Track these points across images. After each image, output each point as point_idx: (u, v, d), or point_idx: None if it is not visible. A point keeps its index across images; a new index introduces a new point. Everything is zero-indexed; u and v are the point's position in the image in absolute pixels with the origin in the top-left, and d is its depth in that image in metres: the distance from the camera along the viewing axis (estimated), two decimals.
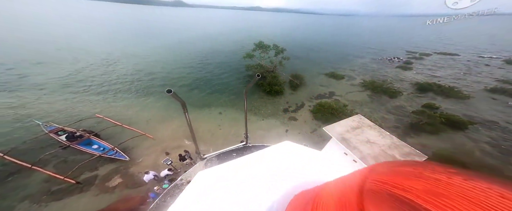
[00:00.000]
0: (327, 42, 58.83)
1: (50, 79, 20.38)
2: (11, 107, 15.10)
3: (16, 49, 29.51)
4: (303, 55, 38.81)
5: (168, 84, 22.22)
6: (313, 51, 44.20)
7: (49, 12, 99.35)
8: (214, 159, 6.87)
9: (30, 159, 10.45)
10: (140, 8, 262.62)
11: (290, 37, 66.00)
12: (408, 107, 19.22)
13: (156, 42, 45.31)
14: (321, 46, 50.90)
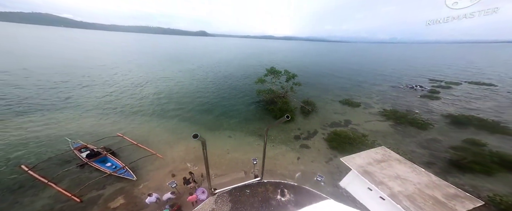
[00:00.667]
0: (339, 68, 58.60)
1: (88, 99, 22.81)
2: (46, 124, 16.70)
3: (64, 72, 34.40)
4: (315, 82, 38.59)
5: (183, 106, 23.01)
6: (325, 77, 43.94)
7: (95, 41, 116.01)
8: (225, 195, 6.08)
9: (50, 174, 10.85)
10: (171, 38, 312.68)
11: (301, 63, 67.54)
12: (443, 142, 16.52)
13: (180, 66, 49.98)
14: (333, 72, 50.73)
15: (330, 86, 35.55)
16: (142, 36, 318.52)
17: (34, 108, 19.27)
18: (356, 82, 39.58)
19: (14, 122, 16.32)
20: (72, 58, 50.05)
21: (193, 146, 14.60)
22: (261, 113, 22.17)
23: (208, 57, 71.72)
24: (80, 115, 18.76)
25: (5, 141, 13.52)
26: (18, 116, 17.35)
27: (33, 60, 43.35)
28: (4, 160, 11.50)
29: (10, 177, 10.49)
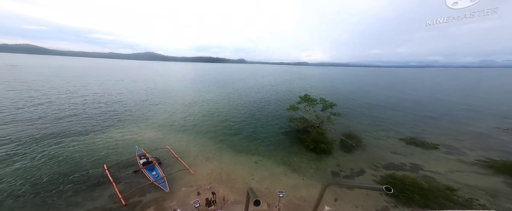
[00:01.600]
0: (393, 99, 49.09)
1: (154, 115, 28.24)
2: (126, 133, 21.52)
3: (146, 93, 44.22)
4: (359, 113, 33.60)
5: (218, 126, 24.57)
6: (372, 108, 37.70)
7: (171, 70, 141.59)
8: None
9: (116, 175, 13.60)
10: (218, 65, 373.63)
11: (341, 91, 61.33)
12: None
13: (220, 90, 55.52)
14: (384, 103, 42.82)
15: (381, 120, 29.92)
16: (199, 65, 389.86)
17: (121, 120, 25.62)
18: (421, 117, 31.52)
19: (107, 130, 22.31)
20: (156, 83, 66.70)
21: (220, 167, 14.88)
22: (292, 141, 20.72)
23: (243, 82, 77.17)
24: (146, 127, 23.47)
25: (97, 145, 18.07)
26: (109, 126, 23.45)
27: (133, 84, 60.91)
28: (94, 160, 15.28)
29: (94, 173, 13.88)
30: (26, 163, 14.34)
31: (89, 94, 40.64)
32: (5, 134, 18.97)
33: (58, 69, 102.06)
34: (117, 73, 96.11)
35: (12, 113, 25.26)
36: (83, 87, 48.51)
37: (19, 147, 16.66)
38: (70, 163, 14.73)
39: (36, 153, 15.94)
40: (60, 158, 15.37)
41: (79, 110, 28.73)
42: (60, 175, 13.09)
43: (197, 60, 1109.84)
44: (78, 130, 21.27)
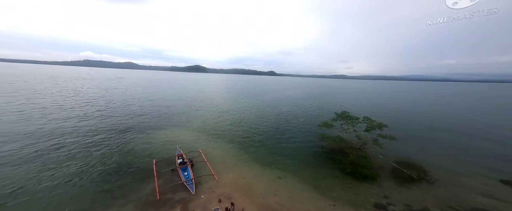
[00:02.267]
0: (477, 122, 36.25)
1: (193, 120, 31.89)
2: (171, 134, 24.93)
3: (192, 100, 51.16)
4: (424, 137, 26.97)
5: (245, 136, 24.83)
6: (448, 133, 29.52)
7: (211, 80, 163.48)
8: None
9: (159, 170, 15.76)
10: (249, 77, 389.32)
11: (394, 109, 50.89)
12: None
13: (250, 100, 56.65)
14: (464, 127, 32.49)
15: (464, 150, 22.86)
16: (232, 76, 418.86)
17: (170, 122, 30.13)
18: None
19: (160, 129, 26.65)
20: (197, 92, 76.54)
21: (243, 177, 14.83)
22: (323, 161, 18.54)
23: (272, 94, 76.06)
24: (186, 130, 26.64)
25: (152, 141, 21.58)
26: (163, 126, 27.96)
27: (182, 91, 72.08)
28: (145, 155, 18.19)
29: (146, 166, 16.66)
30: (103, 148, 18.92)
31: (155, 99, 50.80)
32: (103, 125, 26.09)
33: (140, 79, 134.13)
34: (173, 82, 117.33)
35: (112, 110, 34.71)
36: (152, 94, 61.41)
37: (109, 135, 22.39)
38: (133, 153, 18.18)
39: (116, 140, 20.91)
40: (129, 147, 19.46)
41: (146, 111, 36.23)
42: (126, 162, 16.39)
43: (231, 71, 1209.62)
44: (143, 126, 26.54)
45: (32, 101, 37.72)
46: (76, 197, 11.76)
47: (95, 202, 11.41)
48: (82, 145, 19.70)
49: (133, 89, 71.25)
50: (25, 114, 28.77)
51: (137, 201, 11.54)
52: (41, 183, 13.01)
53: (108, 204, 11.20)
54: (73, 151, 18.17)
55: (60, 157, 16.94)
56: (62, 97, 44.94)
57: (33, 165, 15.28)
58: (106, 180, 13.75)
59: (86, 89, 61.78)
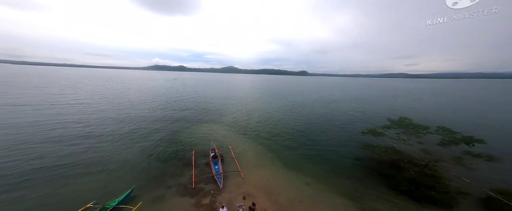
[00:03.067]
0: None
1: (226, 117, 34.48)
2: (206, 129, 27.66)
3: (224, 99, 55.48)
4: None
5: (273, 137, 24.25)
6: None
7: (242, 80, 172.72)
8: None
9: (197, 161, 17.63)
10: (276, 77, 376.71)
11: (483, 116, 38.51)
12: None
13: (280, 101, 54.54)
14: None
15: None
16: (262, 76, 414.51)
17: (209, 117, 33.20)
18: None
19: (197, 125, 29.90)
20: (229, 91, 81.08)
21: (268, 178, 14.74)
22: (364, 172, 16.07)
23: (304, 96, 70.02)
24: (219, 126, 28.68)
25: (191, 134, 24.21)
26: (203, 121, 31.25)
27: (215, 91, 78.27)
28: (187, 145, 20.61)
29: (187, 156, 19.21)
30: (159, 136, 22.88)
31: (196, 97, 57.49)
32: (164, 116, 31.91)
33: (187, 80, 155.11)
34: (211, 83, 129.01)
35: (168, 104, 42.04)
36: (194, 92, 70.01)
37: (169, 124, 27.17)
38: (178, 143, 20.99)
39: (168, 130, 24.96)
40: (176, 137, 22.77)
41: (190, 106, 41.64)
42: (173, 150, 19.09)
43: (261, 72, 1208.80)
44: (188, 120, 30.50)
45: (125, 96, 50.18)
46: (137, 176, 14.79)
47: (150, 182, 14.00)
48: (147, 132, 24.46)
49: (182, 88, 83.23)
50: (115, 104, 38.54)
51: (177, 186, 13.44)
52: (120, 157, 17.19)
53: (157, 185, 13.49)
54: (141, 136, 22.89)
55: (134, 139, 21.70)
56: (141, 93, 58.51)
57: (118, 143, 20.37)
58: (158, 165, 16.48)
59: (155, 87, 77.01)
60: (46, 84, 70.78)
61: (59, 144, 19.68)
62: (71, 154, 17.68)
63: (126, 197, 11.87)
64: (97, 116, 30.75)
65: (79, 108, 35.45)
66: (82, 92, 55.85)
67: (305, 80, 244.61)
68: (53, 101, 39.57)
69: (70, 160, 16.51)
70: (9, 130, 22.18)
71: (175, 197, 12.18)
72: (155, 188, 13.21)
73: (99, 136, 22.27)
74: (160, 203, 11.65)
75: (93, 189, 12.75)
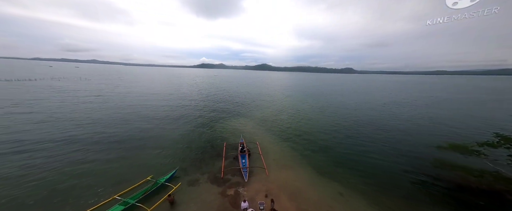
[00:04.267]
0: None
1: (255, 113, 34.78)
2: (237, 123, 28.76)
3: (261, 95, 56.61)
4: None
5: (305, 138, 22.61)
6: None
7: (276, 78, 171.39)
8: None
9: (227, 153, 18.88)
10: (312, 75, 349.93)
11: None
12: None
13: (314, 101, 49.40)
14: None
15: None
16: (297, 74, 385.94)
17: (239, 112, 34.77)
18: None
19: (229, 118, 31.35)
20: (260, 88, 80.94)
21: (294, 180, 13.98)
22: (432, 196, 12.62)
23: (347, 96, 60.55)
24: (248, 121, 29.33)
25: (224, 127, 25.83)
26: (235, 115, 32.95)
27: (247, 87, 79.89)
28: (219, 137, 22.30)
29: (219, 147, 20.56)
30: (199, 126, 25.72)
31: (231, 92, 60.95)
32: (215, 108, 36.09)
33: (226, 77, 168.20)
34: (245, 80, 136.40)
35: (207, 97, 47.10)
36: (230, 88, 74.66)
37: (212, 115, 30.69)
38: (213, 133, 23.08)
39: (207, 121, 27.87)
40: (212, 128, 25.11)
41: (226, 100, 44.86)
42: (208, 139, 21.09)
43: (296, 69, 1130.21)
44: (223, 113, 32.99)
45: (180, 89, 59.88)
46: (181, 159, 17.19)
47: (189, 166, 16.00)
48: (191, 120, 28.66)
49: (220, 84, 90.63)
50: (175, 95, 46.34)
51: (209, 173, 14.77)
52: (171, 139, 20.76)
53: (194, 170, 15.22)
54: (187, 123, 26.74)
55: (182, 125, 25.74)
56: (191, 88, 68.52)
57: (171, 127, 24.56)
58: (196, 151, 18.48)
59: (200, 83, 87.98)
60: (143, 80, 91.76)
61: (138, 121, 26.82)
62: (147, 129, 23.49)
63: (171, 176, 14.00)
64: (162, 104, 38.76)
65: (154, 97, 45.47)
66: (157, 86, 69.86)
67: (351, 79, 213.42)
68: (145, 93, 51.24)
69: (145, 135, 22.05)
70: (117, 110, 30.97)
71: (206, 183, 13.43)
72: (192, 172, 14.97)
73: (162, 119, 28.36)
74: (194, 186, 13.16)
75: (152, 165, 15.69)
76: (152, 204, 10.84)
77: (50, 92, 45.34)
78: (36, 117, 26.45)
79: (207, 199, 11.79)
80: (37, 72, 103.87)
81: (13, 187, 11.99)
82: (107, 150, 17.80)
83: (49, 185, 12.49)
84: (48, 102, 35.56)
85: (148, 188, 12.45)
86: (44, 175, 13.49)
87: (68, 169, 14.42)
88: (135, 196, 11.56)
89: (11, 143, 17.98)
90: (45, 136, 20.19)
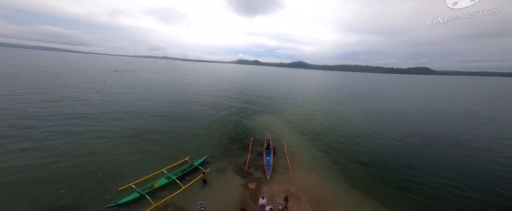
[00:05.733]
0: None
1: (286, 111, 33.71)
2: (267, 119, 28.91)
3: (286, 93, 54.68)
4: None
5: (340, 144, 20.09)
6: None
7: (316, 77, 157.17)
8: None
9: (253, 148, 19.36)
10: (369, 76, 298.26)
11: None
12: None
13: (359, 105, 42.37)
14: None
15: None
16: (340, 74, 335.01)
17: (266, 110, 34.67)
18: None
19: (258, 114, 31.94)
20: (294, 86, 76.42)
21: (320, 188, 12.83)
22: None
23: (413, 102, 49.16)
24: (278, 119, 28.67)
25: (252, 122, 26.38)
26: (259, 112, 33.26)
27: (279, 85, 77.30)
28: (247, 131, 23.00)
29: (247, 141, 21.54)
30: (230, 119, 27.46)
31: (263, 88, 61.65)
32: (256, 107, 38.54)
33: (260, 73, 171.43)
34: (278, 77, 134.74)
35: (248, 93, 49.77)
36: (262, 84, 75.23)
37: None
38: (242, 127, 24.02)
39: (236, 114, 29.58)
40: (242, 121, 26.42)
41: (256, 96, 45.83)
42: (236, 132, 22.26)
43: (337, 68, 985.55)
44: (253, 107, 34.06)
45: (218, 82, 66.47)
46: (213, 146, 18.89)
47: (219, 154, 17.32)
48: (225, 111, 31.13)
49: (253, 80, 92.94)
50: (215, 89, 51.69)
51: (235, 164, 15.64)
52: (208, 126, 23.48)
53: (222, 159, 16.38)
54: (221, 113, 29.07)
55: (216, 115, 28.30)
56: (228, 81, 75.87)
57: (209, 113, 27.61)
58: (226, 141, 19.86)
59: (236, 78, 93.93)
60: (192, 73, 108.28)
61: (186, 106, 32.59)
62: (190, 114, 28.23)
63: (203, 161, 15.68)
64: (204, 94, 44.30)
65: (199, 88, 53.47)
66: (202, 78, 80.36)
67: (424, 81, 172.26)
68: (193, 83, 60.49)
69: (189, 118, 26.28)
70: (174, 95, 37.76)
71: (231, 173, 14.29)
72: (220, 160, 16.21)
73: (202, 106, 32.95)
74: (221, 173, 14.27)
75: (189, 147, 18.04)
76: (186, 183, 12.52)
77: (140, 80, 61.88)
78: (126, 97, 35.84)
79: (230, 188, 12.58)
80: (134, 66, 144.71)
81: (98, 144, 16.55)
82: (163, 127, 22.38)
83: (126, 148, 16.62)
84: (139, 88, 47.20)
85: (185, 168, 14.43)
86: (124, 141, 18.09)
87: (139, 139, 18.83)
88: (175, 173, 13.67)
89: (110, 112, 25.50)
90: (131, 109, 27.94)
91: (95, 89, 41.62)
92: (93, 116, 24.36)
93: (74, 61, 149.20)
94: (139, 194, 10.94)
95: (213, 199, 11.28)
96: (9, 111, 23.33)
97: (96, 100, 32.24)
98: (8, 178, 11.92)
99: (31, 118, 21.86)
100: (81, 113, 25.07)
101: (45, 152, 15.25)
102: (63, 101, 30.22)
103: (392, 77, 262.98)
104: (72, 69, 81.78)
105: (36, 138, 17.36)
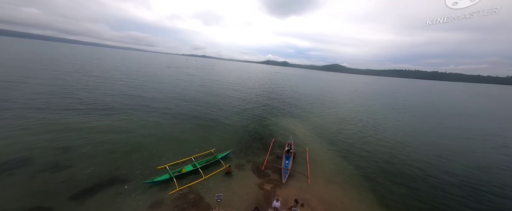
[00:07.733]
0: None
1: (312, 115, 31.43)
2: (289, 123, 27.51)
3: (315, 96, 50.74)
4: None
5: (373, 157, 17.46)
6: None
7: (355, 81, 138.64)
8: None
9: (272, 149, 18.88)
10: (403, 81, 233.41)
11: None
12: None
13: (414, 119, 35.56)
14: None
15: None
16: (391, 80, 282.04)
17: (290, 113, 33.26)
18: None
19: (282, 116, 30.56)
20: (325, 92, 69.84)
21: (341, 201, 11.43)
22: None
23: None
24: (302, 124, 27.21)
25: (275, 124, 25.85)
26: (283, 114, 32.03)
27: (307, 88, 72.28)
28: (269, 132, 22.75)
29: (267, 142, 21.32)
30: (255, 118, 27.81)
31: (288, 90, 59.87)
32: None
33: (287, 75, 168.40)
34: (305, 80, 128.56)
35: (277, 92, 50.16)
36: (288, 86, 72.96)
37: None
38: (264, 127, 23.97)
39: (261, 114, 29.84)
40: (265, 122, 26.37)
41: (281, 97, 44.83)
42: (258, 132, 22.30)
43: (386, 73, 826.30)
44: (276, 109, 33.41)
45: (246, 82, 69.25)
46: (235, 142, 19.63)
47: (240, 150, 17.87)
48: (250, 109, 32.03)
49: (280, 81, 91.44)
50: (243, 87, 54.19)
51: (253, 163, 15.80)
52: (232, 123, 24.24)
53: (242, 156, 16.84)
54: (247, 112, 30.05)
55: (245, 113, 29.11)
56: (255, 81, 77.52)
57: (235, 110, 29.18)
58: (248, 139, 20.31)
59: (263, 78, 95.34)
60: (225, 71, 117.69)
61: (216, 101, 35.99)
62: (218, 109, 29.76)
63: (225, 155, 16.56)
64: (232, 90, 47.21)
65: (228, 85, 57.54)
66: (232, 77, 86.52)
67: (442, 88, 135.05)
68: (224, 81, 65.41)
69: (216, 112, 28.50)
70: (208, 91, 42.15)
71: (249, 171, 14.55)
72: (241, 157, 16.72)
73: (229, 103, 35.06)
74: (239, 170, 14.72)
75: (215, 140, 19.35)
76: (207, 174, 13.49)
77: (185, 75, 74.46)
78: (173, 89, 42.44)
79: (247, 185, 12.83)
80: (181, 63, 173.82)
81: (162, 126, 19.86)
82: (198, 118, 25.41)
83: (168, 133, 19.67)
84: (182, 81, 55.44)
85: (209, 159, 15.63)
86: (169, 125, 21.59)
87: (180, 126, 21.81)
88: (200, 162, 15.01)
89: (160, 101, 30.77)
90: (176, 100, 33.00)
91: (153, 81, 50.74)
92: (153, 102, 30.47)
93: (145, 58, 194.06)
94: (169, 176, 12.58)
95: (230, 193, 11.77)
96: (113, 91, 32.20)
97: (152, 91, 39.17)
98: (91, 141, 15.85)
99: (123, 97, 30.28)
100: (149, 98, 31.97)
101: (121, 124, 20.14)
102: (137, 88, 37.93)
103: (474, 88, 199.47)
104: (145, 65, 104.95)
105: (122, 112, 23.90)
